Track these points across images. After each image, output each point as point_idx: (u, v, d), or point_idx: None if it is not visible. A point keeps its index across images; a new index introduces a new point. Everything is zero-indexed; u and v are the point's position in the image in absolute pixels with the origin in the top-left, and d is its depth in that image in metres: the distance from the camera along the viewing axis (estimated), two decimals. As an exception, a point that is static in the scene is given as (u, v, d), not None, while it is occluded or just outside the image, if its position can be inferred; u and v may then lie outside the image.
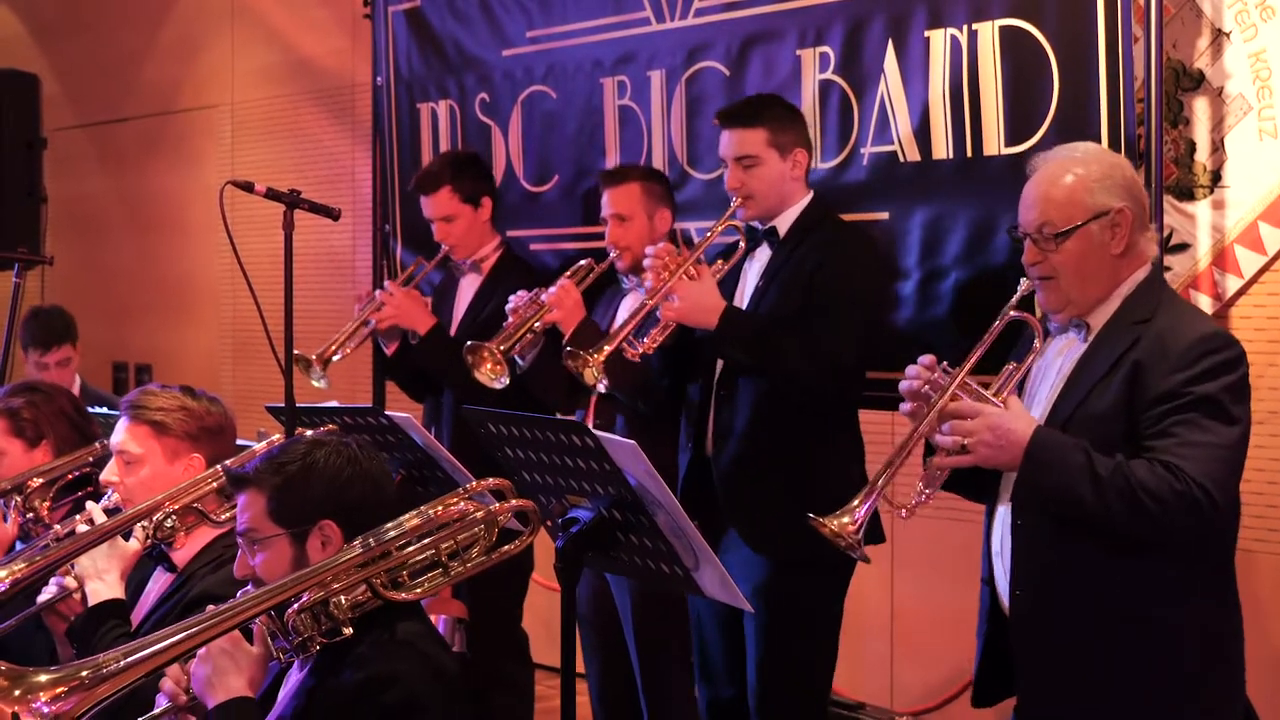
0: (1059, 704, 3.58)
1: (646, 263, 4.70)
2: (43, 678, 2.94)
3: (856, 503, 3.56)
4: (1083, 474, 3.37)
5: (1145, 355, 3.45)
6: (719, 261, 4.80)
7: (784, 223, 4.71)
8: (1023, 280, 3.69)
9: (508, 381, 5.25)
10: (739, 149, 4.70)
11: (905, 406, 3.61)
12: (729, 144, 4.73)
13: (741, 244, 4.79)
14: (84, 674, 2.96)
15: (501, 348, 5.22)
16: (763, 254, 4.74)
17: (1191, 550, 3.48)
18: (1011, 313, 3.66)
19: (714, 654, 4.78)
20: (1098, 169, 3.60)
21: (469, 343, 5.29)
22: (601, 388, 4.73)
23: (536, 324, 5.28)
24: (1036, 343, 3.64)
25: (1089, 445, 3.40)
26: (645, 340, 4.69)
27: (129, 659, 2.99)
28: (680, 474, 4.80)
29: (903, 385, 3.60)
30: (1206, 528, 3.42)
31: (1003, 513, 3.65)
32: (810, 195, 4.75)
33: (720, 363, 4.69)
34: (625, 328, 4.70)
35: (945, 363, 3.58)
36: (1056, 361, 3.66)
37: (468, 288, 5.94)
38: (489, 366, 5.25)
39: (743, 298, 4.73)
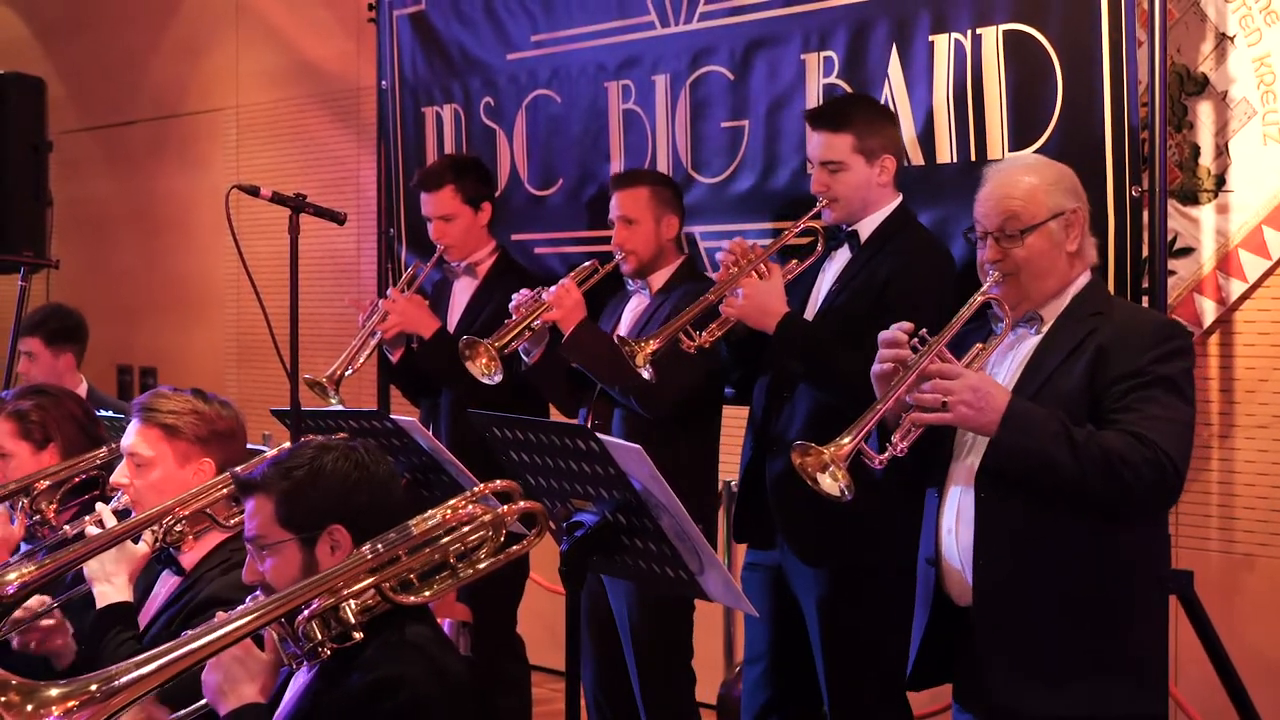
0: (1017, 670, 3.67)
1: (719, 256, 4.68)
2: (53, 692, 2.94)
3: (844, 439, 3.65)
4: (1059, 439, 3.51)
5: (1109, 340, 3.63)
6: (793, 261, 4.75)
7: (866, 228, 4.64)
8: (993, 271, 3.81)
9: (500, 378, 5.26)
10: (824, 154, 4.63)
11: (879, 367, 3.71)
12: (815, 147, 4.67)
13: (819, 246, 4.72)
14: (93, 688, 2.95)
15: (497, 345, 5.24)
16: (842, 256, 4.68)
17: (1147, 525, 3.69)
18: (982, 296, 3.79)
19: (758, 657, 4.76)
20: (1051, 173, 3.83)
21: (465, 337, 5.30)
22: (647, 374, 4.71)
23: (535, 322, 5.29)
24: (1005, 325, 3.76)
25: (1063, 415, 3.56)
26: (703, 334, 4.66)
27: (140, 671, 2.98)
28: (741, 471, 4.79)
29: (883, 350, 3.71)
30: (1170, 495, 3.64)
31: (954, 491, 3.77)
32: (897, 201, 4.67)
33: None
34: (683, 317, 4.66)
35: (925, 330, 3.71)
36: (1008, 354, 3.81)
37: (462, 291, 5.95)
38: (484, 361, 5.27)
39: (818, 297, 4.69)
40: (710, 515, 5.25)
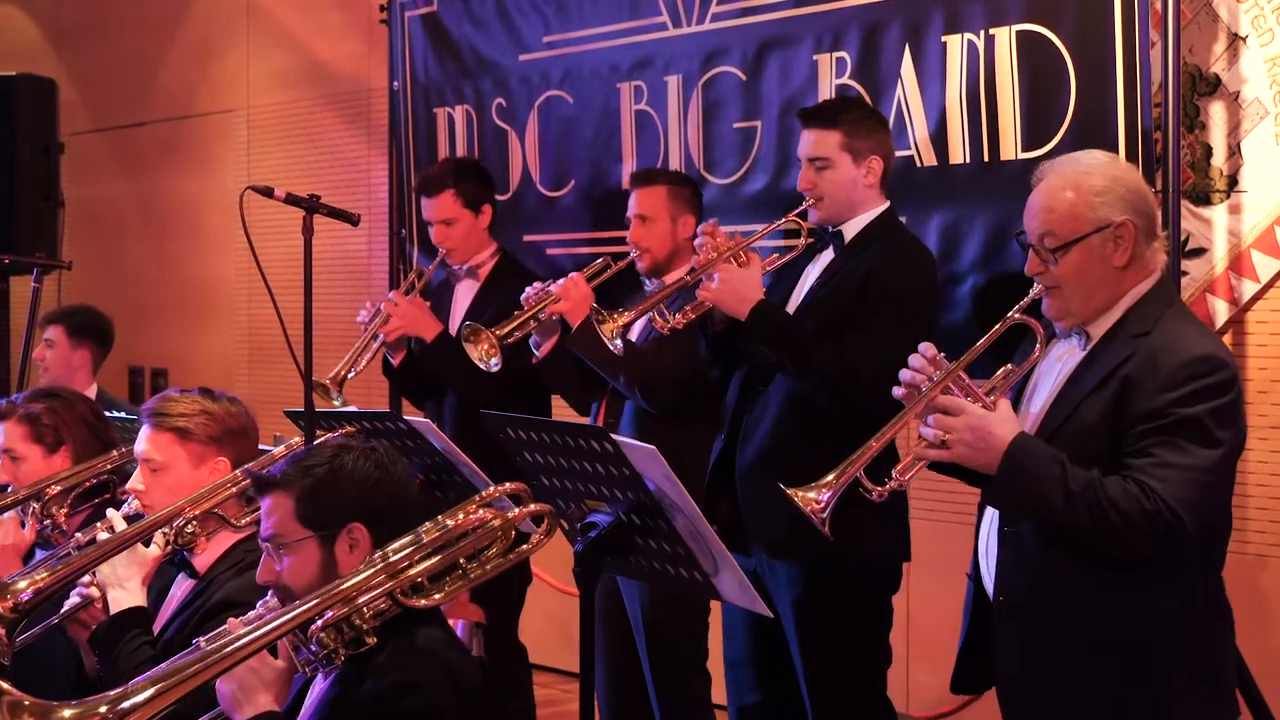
0: (1037, 711, 3.59)
1: (698, 241, 4.67)
2: (66, 713, 2.94)
3: (831, 478, 3.58)
4: (1055, 485, 3.37)
5: (1136, 371, 3.43)
6: (774, 255, 4.75)
7: (851, 229, 4.61)
8: (1036, 284, 3.69)
9: (498, 366, 5.22)
10: (812, 150, 4.62)
11: (898, 391, 3.61)
12: (804, 144, 4.66)
13: (802, 240, 4.72)
14: (103, 709, 2.94)
15: (499, 333, 5.22)
16: (826, 257, 4.67)
17: (1176, 573, 3.46)
18: (1016, 316, 3.65)
19: (742, 659, 4.76)
20: (1100, 181, 3.56)
21: (468, 324, 5.28)
22: (615, 348, 4.71)
23: (541, 314, 5.27)
24: (1037, 348, 3.63)
25: (1066, 458, 3.40)
26: (677, 315, 4.65)
27: (151, 690, 2.98)
28: (710, 461, 4.76)
29: (903, 374, 3.60)
30: (1175, 550, 3.39)
31: (992, 511, 3.67)
32: (884, 205, 4.63)
33: None
34: (656, 296, 4.65)
35: (944, 354, 3.58)
36: (1056, 367, 3.66)
37: (464, 294, 5.94)
38: (485, 347, 5.23)
39: (800, 296, 4.67)
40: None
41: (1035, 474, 3.40)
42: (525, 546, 3.41)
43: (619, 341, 4.71)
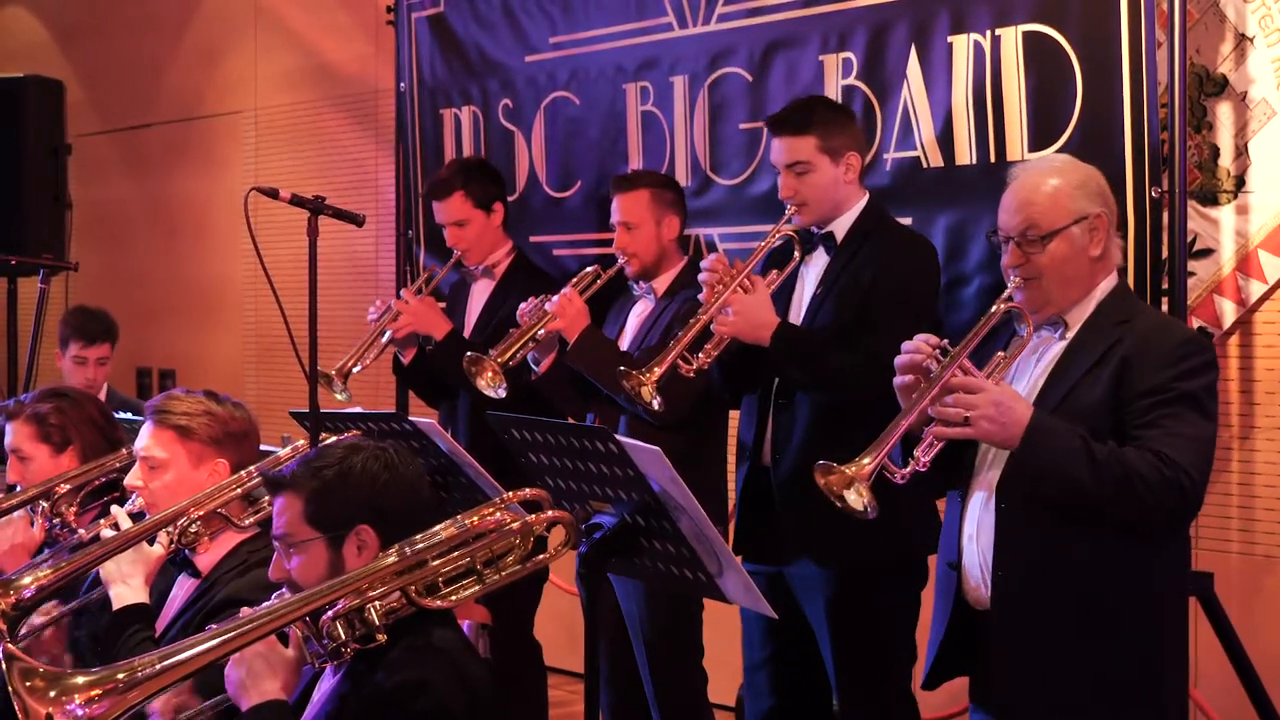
0: (1036, 684, 3.66)
1: (701, 277, 4.64)
2: (79, 680, 2.97)
3: (865, 458, 3.65)
4: (1080, 457, 3.50)
5: (1132, 352, 3.61)
6: (773, 272, 4.70)
7: (840, 228, 4.62)
8: (1014, 276, 3.77)
9: (505, 392, 5.28)
10: (789, 156, 4.61)
11: (900, 380, 3.69)
12: (779, 152, 4.65)
13: (796, 252, 4.68)
14: (119, 677, 2.97)
15: (500, 359, 5.25)
16: (819, 259, 4.65)
17: (1166, 538, 3.66)
18: (1004, 305, 3.75)
19: (761, 664, 4.75)
20: (1076, 176, 3.78)
21: (470, 354, 5.31)
22: (656, 405, 4.69)
23: (539, 333, 5.31)
24: (1026, 333, 3.73)
25: (1085, 432, 3.53)
26: (700, 355, 4.60)
27: (164, 663, 3.00)
28: (738, 485, 4.76)
29: (900, 360, 3.69)
30: (1190, 512, 3.66)
31: (977, 499, 3.75)
32: (866, 198, 4.65)
33: None
34: (679, 343, 4.60)
35: (946, 340, 3.68)
36: (1031, 358, 3.78)
37: (480, 293, 5.96)
38: (489, 375, 5.29)
39: (800, 304, 4.66)
40: (721, 516, 5.24)
41: (1061, 447, 3.52)
42: (543, 555, 3.41)
43: (658, 398, 4.67)
